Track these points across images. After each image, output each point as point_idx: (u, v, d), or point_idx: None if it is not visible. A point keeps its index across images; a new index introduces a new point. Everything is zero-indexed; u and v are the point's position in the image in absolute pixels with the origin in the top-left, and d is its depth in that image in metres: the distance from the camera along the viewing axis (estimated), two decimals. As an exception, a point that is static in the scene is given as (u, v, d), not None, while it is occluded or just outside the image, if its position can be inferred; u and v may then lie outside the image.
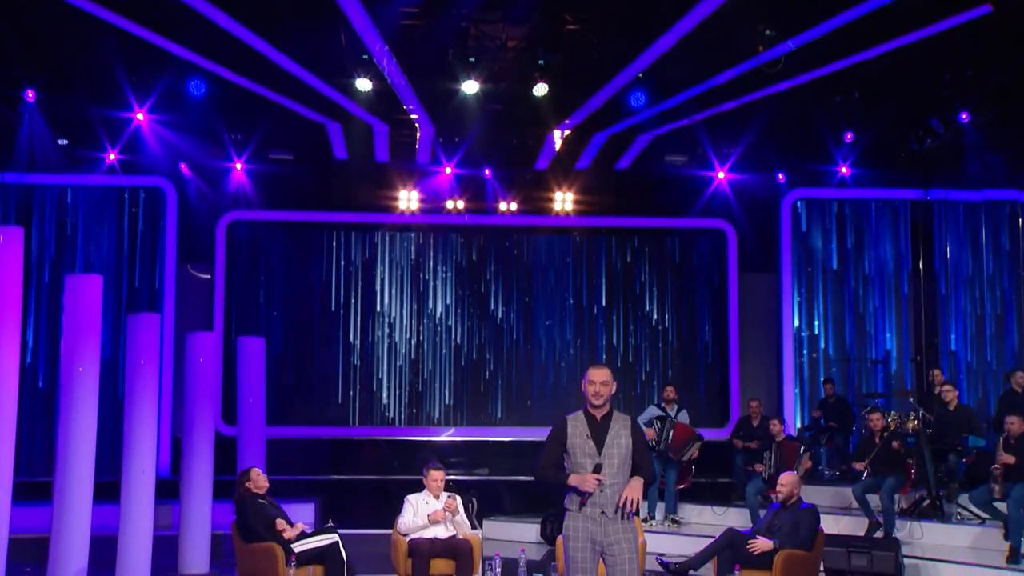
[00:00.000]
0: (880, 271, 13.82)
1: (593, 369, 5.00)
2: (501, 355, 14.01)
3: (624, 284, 14.20)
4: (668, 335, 14.16)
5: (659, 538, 10.21)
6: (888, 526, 9.42)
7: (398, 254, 14.08)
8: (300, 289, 13.80)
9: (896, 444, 9.65)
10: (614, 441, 4.97)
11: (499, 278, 14.12)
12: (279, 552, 6.93)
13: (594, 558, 4.99)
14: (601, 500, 4.95)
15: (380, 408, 13.75)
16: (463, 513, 7.65)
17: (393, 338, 13.88)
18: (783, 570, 6.92)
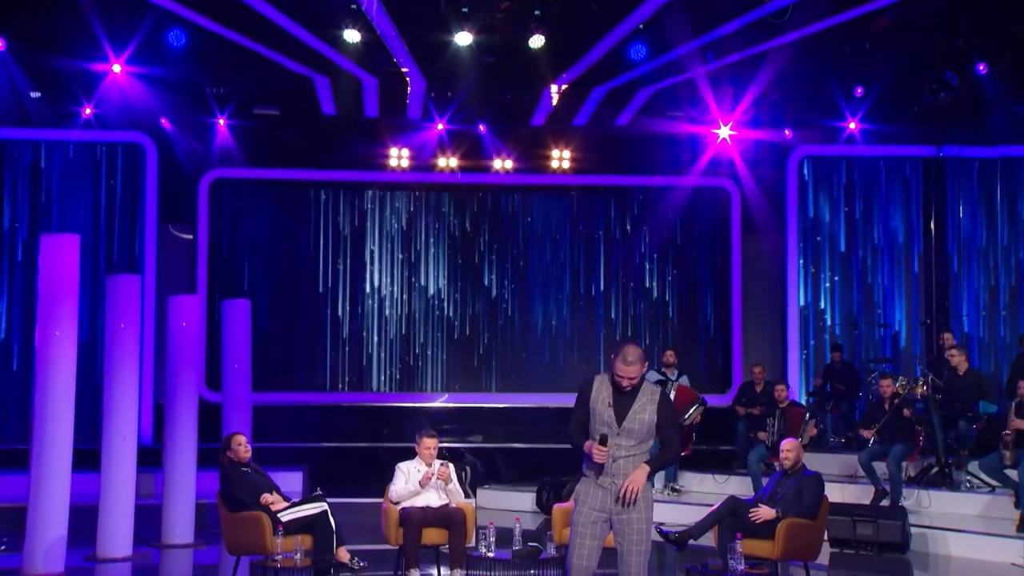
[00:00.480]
0: (889, 232, 13.75)
1: (621, 365, 4.85)
2: (495, 319, 13.97)
3: (623, 245, 14.14)
4: (668, 298, 14.11)
5: (659, 507, 10.09)
6: (895, 494, 9.44)
7: (389, 213, 13.98)
8: (287, 250, 13.72)
9: (907, 411, 9.63)
10: (636, 416, 4.91)
11: (493, 238, 14.04)
12: (266, 521, 6.91)
13: (600, 526, 4.97)
14: (614, 470, 4.92)
15: (370, 374, 13.72)
16: (456, 481, 7.62)
17: (383, 301, 13.83)
18: (786, 539, 6.91)
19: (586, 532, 4.95)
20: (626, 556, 4.97)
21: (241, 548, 7.07)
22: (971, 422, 10.08)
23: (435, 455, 7.59)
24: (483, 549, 6.90)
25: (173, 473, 9.05)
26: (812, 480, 7.24)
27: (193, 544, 9.02)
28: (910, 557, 8.75)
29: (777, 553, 6.93)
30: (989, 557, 8.56)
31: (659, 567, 8.73)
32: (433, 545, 7.50)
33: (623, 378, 4.87)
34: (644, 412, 4.92)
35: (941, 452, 9.91)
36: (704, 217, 14.21)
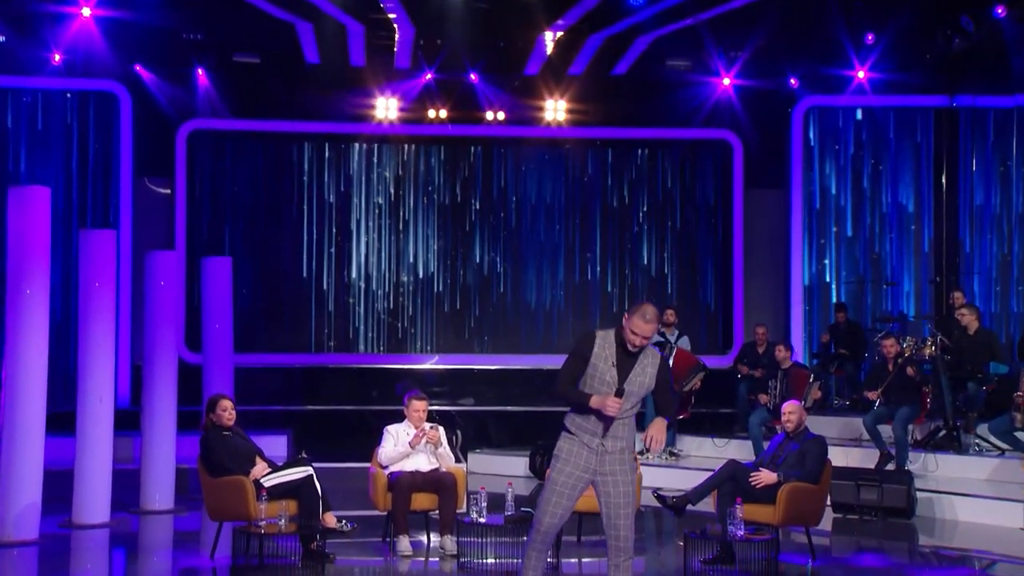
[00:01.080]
0: (898, 187, 13.68)
1: (639, 322, 4.82)
2: (487, 278, 13.93)
3: (620, 199, 14.07)
4: (667, 255, 14.07)
5: (657, 471, 10.28)
6: (900, 458, 9.48)
7: (376, 167, 13.88)
8: (269, 205, 13.63)
9: (911, 371, 9.65)
10: (637, 378, 4.94)
11: (485, 193, 13.96)
12: (249, 486, 6.90)
13: (580, 487, 4.99)
14: (604, 431, 4.95)
15: (357, 334, 13.70)
16: (446, 445, 7.63)
17: (371, 258, 13.77)
18: (788, 504, 6.93)
19: (564, 492, 4.97)
20: (613, 519, 4.99)
21: (223, 514, 7.07)
22: (981, 384, 10.09)
23: (424, 418, 7.59)
24: (474, 515, 6.91)
25: (152, 437, 9.04)
26: (815, 443, 7.25)
27: (173, 510, 9.03)
28: (915, 522, 8.81)
29: (778, 518, 6.95)
30: (997, 522, 8.61)
31: (657, 533, 8.77)
32: (423, 511, 7.53)
33: (636, 336, 4.84)
34: (644, 375, 4.95)
35: (949, 414, 9.93)
36: (705, 171, 14.13)
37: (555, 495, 4.97)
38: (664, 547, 8.08)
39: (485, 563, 6.86)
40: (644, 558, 7.50)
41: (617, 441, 4.97)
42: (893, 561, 7.72)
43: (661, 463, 10.77)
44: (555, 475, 4.98)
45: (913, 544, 8.33)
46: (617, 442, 4.97)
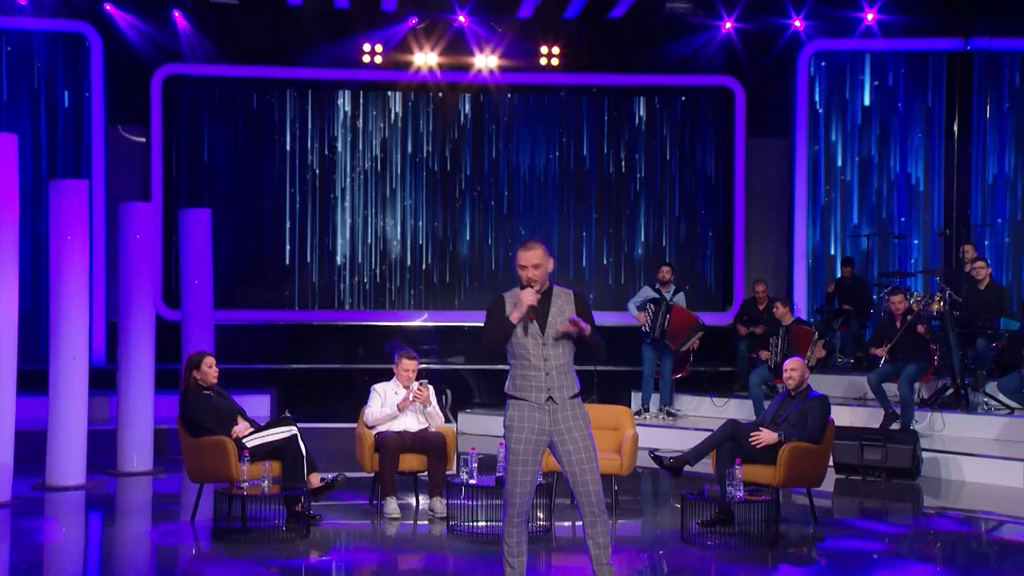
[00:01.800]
0: (907, 136, 13.61)
1: (522, 251, 4.99)
2: (478, 231, 13.87)
3: (616, 149, 13.98)
4: (665, 208, 14.02)
5: (653, 431, 10.33)
6: (906, 417, 9.52)
7: (361, 115, 13.76)
8: (250, 154, 13.51)
9: (921, 329, 9.66)
10: (558, 319, 5.01)
11: (475, 144, 13.86)
12: (230, 447, 6.91)
13: (538, 450, 5.03)
14: (548, 384, 4.99)
15: (343, 290, 13.67)
16: (435, 404, 7.64)
17: (357, 211, 13.69)
18: (788, 464, 6.96)
19: (527, 459, 5.00)
20: (579, 476, 5.02)
21: (204, 475, 7.09)
22: (991, 340, 10.12)
23: (414, 378, 7.59)
24: (464, 476, 6.93)
25: (128, 396, 9.04)
26: (817, 402, 7.27)
27: (151, 472, 9.05)
28: (920, 483, 8.87)
29: (779, 479, 6.98)
30: (1006, 482, 8.68)
31: (653, 495, 8.83)
32: (411, 472, 7.56)
33: (525, 268, 4.94)
34: (564, 313, 5.01)
35: (957, 372, 9.97)
36: (705, 119, 14.04)
37: (519, 465, 5.00)
38: (661, 509, 8.13)
39: (475, 526, 6.89)
40: (640, 521, 7.55)
41: (564, 391, 5.00)
42: (897, 523, 7.78)
43: (658, 423, 10.82)
44: (512, 445, 5.02)
45: (918, 506, 8.39)
46: (564, 391, 5.00)
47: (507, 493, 5.05)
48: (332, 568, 6.22)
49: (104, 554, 6.57)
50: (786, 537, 6.88)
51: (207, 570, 6.10)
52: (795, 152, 13.63)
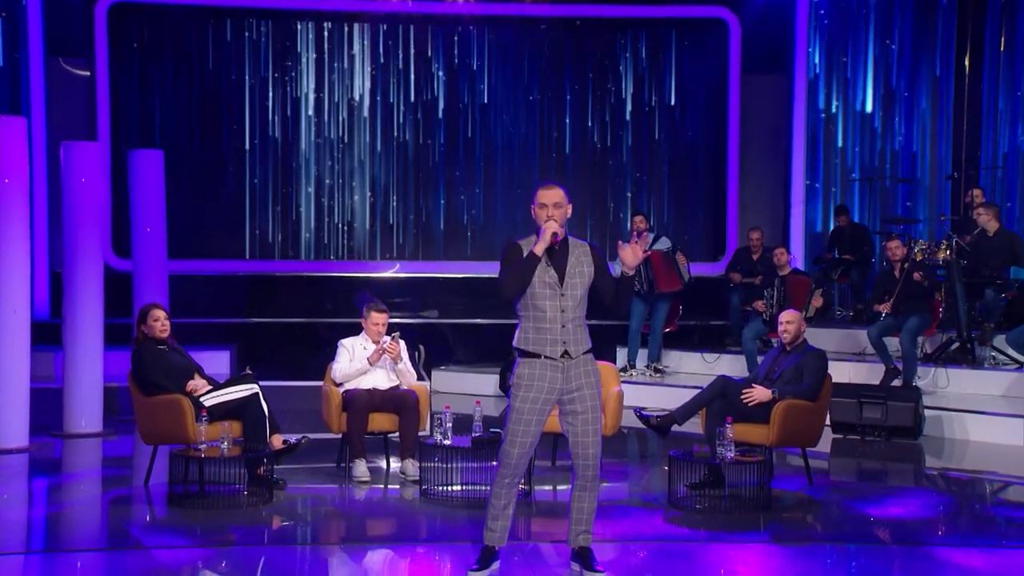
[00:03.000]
0: (914, 73, 13.56)
1: (543, 190, 5.09)
2: (453, 175, 13.81)
3: (600, 88, 13.90)
4: (654, 151, 13.99)
5: (640, 389, 10.38)
6: (908, 373, 9.60)
7: (325, 49, 13.61)
8: (206, 92, 13.37)
9: (918, 276, 9.69)
10: (575, 270, 5.07)
11: (448, 82, 13.75)
12: (187, 406, 6.88)
13: (545, 410, 5.07)
14: (564, 337, 5.03)
15: (308, 238, 13.61)
16: (407, 360, 7.63)
17: (323, 153, 13.59)
18: (782, 423, 7.00)
19: (532, 419, 5.05)
20: (581, 437, 5.08)
21: (158, 437, 7.07)
22: (1000, 291, 10.17)
23: (384, 332, 7.58)
24: (438, 436, 6.94)
25: (75, 352, 8.98)
26: (814, 357, 7.30)
27: (102, 433, 9.03)
28: (922, 443, 8.96)
29: (772, 439, 7.03)
30: (1012, 441, 8.78)
31: (640, 456, 8.89)
32: (381, 432, 7.57)
33: (546, 206, 5.03)
34: (582, 266, 5.09)
35: (963, 325, 10.03)
36: (697, 55, 13.97)
37: (522, 424, 5.04)
38: (647, 472, 8.19)
39: (450, 490, 6.91)
40: (627, 484, 7.60)
41: (579, 345, 5.07)
42: (897, 485, 7.86)
43: (645, 380, 10.87)
44: (519, 404, 5.05)
45: (919, 466, 8.49)
46: (580, 346, 5.07)
47: (504, 452, 5.08)
48: (297, 535, 6.24)
49: (50, 523, 6.56)
50: (780, 500, 6.94)
51: (162, 538, 6.11)
52: (794, 90, 13.60)
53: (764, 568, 5.41)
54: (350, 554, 5.78)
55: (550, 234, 4.97)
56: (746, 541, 6.04)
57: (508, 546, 5.32)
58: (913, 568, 5.52)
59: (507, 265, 5.07)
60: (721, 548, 5.92)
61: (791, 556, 5.73)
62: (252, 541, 5.92)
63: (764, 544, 6.00)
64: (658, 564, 5.61)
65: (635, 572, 5.52)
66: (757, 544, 6.00)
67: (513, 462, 5.07)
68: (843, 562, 5.70)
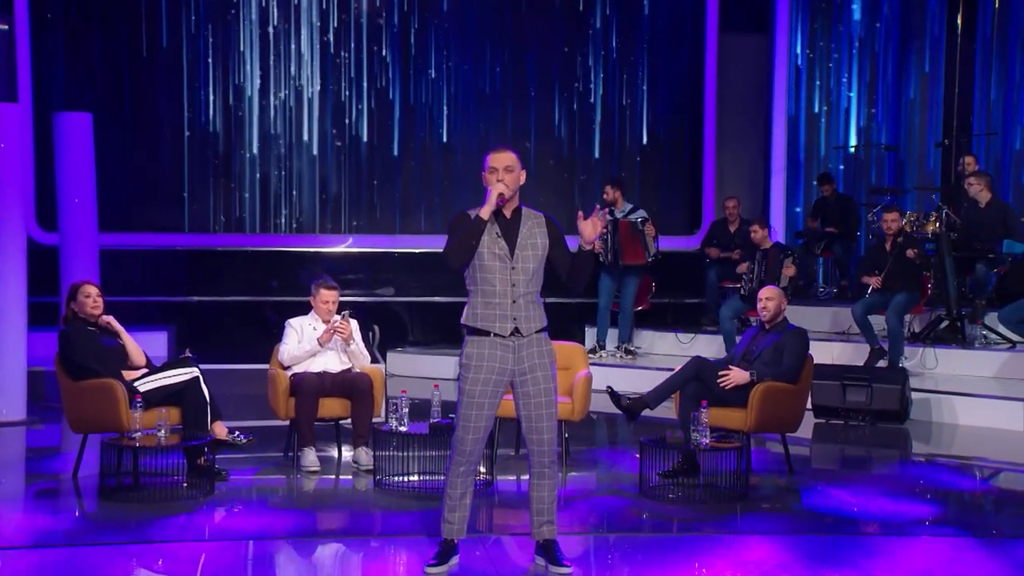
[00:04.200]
0: (903, 30, 13.64)
1: (493, 153, 5.13)
2: (410, 140, 13.74)
3: (568, 44, 13.85)
4: (626, 114, 13.99)
5: (610, 372, 10.40)
6: (894, 353, 9.69)
7: (268, 3, 13.47)
8: (139, 48, 13.19)
9: (911, 252, 9.78)
10: (528, 241, 5.10)
11: (402, 37, 13.65)
12: (119, 391, 6.84)
13: (497, 392, 5.11)
14: (514, 313, 5.07)
15: (253, 210, 13.51)
16: (360, 341, 7.63)
17: (267, 114, 13.48)
18: (761, 407, 7.06)
19: (484, 402, 5.09)
20: (535, 422, 5.13)
21: (88, 425, 7.02)
22: (991, 265, 10.28)
23: (335, 311, 7.58)
24: (394, 423, 6.94)
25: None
26: (794, 336, 7.35)
27: (25, 421, 8.98)
28: (909, 427, 9.07)
29: (750, 424, 7.08)
30: (1004, 424, 8.91)
31: (609, 442, 8.93)
32: (332, 419, 7.58)
33: (496, 170, 5.04)
34: (535, 237, 5.11)
35: (953, 302, 10.14)
36: (672, 11, 13.96)
37: (474, 408, 5.08)
38: (617, 459, 8.22)
39: (406, 481, 6.92)
40: (595, 472, 7.64)
41: (531, 322, 5.10)
42: (883, 473, 7.94)
43: (615, 362, 10.91)
44: (468, 387, 5.08)
45: (906, 452, 8.59)
46: (532, 323, 5.10)
47: (457, 439, 5.12)
48: (241, 530, 6.23)
49: (-29, 517, 6.51)
50: (757, 489, 7.00)
51: (93, 535, 6.08)
52: (774, 51, 13.66)
53: (741, 560, 5.46)
54: (298, 549, 5.77)
55: (496, 195, 4.99)
56: (722, 532, 6.09)
57: (468, 539, 5.34)
58: (899, 560, 5.59)
59: (453, 234, 5.10)
60: (696, 540, 5.96)
61: (769, 548, 5.78)
62: (191, 537, 5.90)
63: (741, 535, 6.05)
64: (629, 557, 5.65)
65: (604, 566, 5.55)
66: (734, 535, 6.04)
67: (468, 449, 5.10)
68: (825, 554, 5.75)
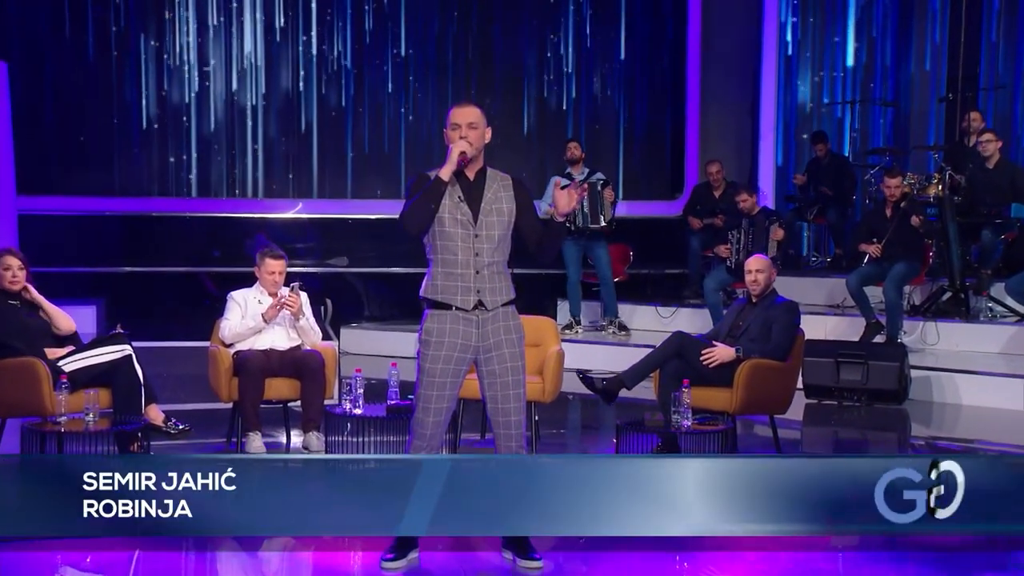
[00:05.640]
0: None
1: (456, 108, 5.13)
2: (365, 96, 13.68)
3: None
4: (601, 69, 13.96)
5: (583, 350, 10.44)
6: (892, 328, 9.75)
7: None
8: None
9: (916, 220, 9.79)
10: (493, 206, 5.09)
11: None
12: (41, 371, 6.79)
13: (459, 371, 5.11)
14: (478, 284, 5.06)
15: (190, 171, 13.44)
16: (310, 315, 7.61)
17: (208, 67, 13.38)
18: (748, 386, 7.07)
19: (445, 382, 5.09)
20: (501, 403, 5.14)
21: (7, 408, 6.97)
22: (999, 231, 10.32)
23: (282, 282, 7.55)
24: (347, 405, 6.96)
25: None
26: (784, 310, 7.38)
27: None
28: (908, 408, 9.13)
29: (736, 405, 7.11)
30: (1010, 404, 8.98)
31: (582, 426, 8.95)
32: (280, 400, 7.57)
33: (459, 126, 5.03)
34: (500, 201, 5.10)
35: (956, 272, 10.20)
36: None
37: (434, 388, 5.08)
38: (592, 442, 8.26)
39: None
40: (567, 457, 7.65)
41: (497, 295, 5.09)
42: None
43: (601, 339, 10.90)
44: (428, 364, 5.08)
45: (904, 435, 8.65)
46: (498, 295, 5.09)
47: (416, 422, 5.13)
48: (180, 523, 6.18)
49: None
50: (745, 475, 7.02)
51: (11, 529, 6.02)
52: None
53: (726, 556, 5.48)
54: (243, 544, 5.75)
55: (457, 154, 4.96)
56: (705, 523, 6.09)
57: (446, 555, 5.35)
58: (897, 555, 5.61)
59: (412, 197, 5.08)
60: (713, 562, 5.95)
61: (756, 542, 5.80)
62: (123, 531, 5.85)
63: (726, 526, 6.05)
64: (605, 551, 5.65)
65: (578, 560, 5.56)
66: (718, 526, 6.04)
67: (428, 432, 5.11)
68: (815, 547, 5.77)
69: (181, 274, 12.76)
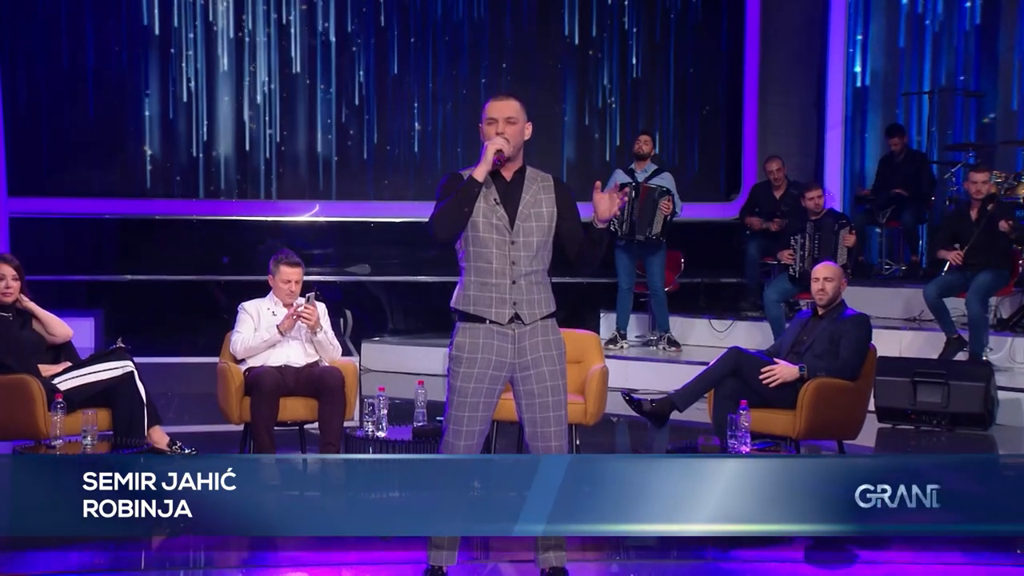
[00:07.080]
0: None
1: (493, 102, 5.12)
2: (386, 95, 13.72)
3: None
4: (652, 59, 13.98)
5: (628, 367, 10.44)
6: (976, 344, 9.68)
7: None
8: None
9: (1005, 224, 9.70)
10: (532, 210, 5.08)
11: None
12: (35, 389, 6.84)
13: (494, 391, 5.11)
14: (514, 296, 5.04)
15: (197, 172, 13.53)
16: (329, 328, 7.63)
17: (214, 55, 13.47)
18: (813, 408, 7.04)
19: (478, 402, 5.08)
20: (540, 426, 5.12)
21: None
22: (1097, 236, 10.27)
23: (299, 292, 7.57)
24: (370, 427, 6.96)
25: None
26: (853, 324, 7.35)
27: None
28: (995, 433, 9.06)
29: (800, 429, 7.09)
30: (1107, 431, 8.92)
31: (631, 450, 8.94)
32: (296, 422, 7.58)
33: (496, 120, 5.04)
34: (540, 205, 5.09)
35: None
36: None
37: (466, 409, 5.08)
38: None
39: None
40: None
41: (536, 307, 5.08)
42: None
43: (635, 355, 10.90)
44: (460, 383, 5.08)
45: (990, 464, 8.58)
46: (536, 308, 5.07)
47: (446, 445, 5.13)
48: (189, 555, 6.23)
49: None
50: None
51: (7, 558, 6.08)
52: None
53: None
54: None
55: (493, 151, 4.96)
56: (768, 560, 6.08)
57: (459, 566, 5.34)
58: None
59: (443, 199, 5.07)
60: (737, 568, 5.95)
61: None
62: (124, 565, 5.90)
63: (794, 564, 6.05)
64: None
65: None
66: (784, 563, 6.04)
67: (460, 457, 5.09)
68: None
69: (187, 283, 12.81)
